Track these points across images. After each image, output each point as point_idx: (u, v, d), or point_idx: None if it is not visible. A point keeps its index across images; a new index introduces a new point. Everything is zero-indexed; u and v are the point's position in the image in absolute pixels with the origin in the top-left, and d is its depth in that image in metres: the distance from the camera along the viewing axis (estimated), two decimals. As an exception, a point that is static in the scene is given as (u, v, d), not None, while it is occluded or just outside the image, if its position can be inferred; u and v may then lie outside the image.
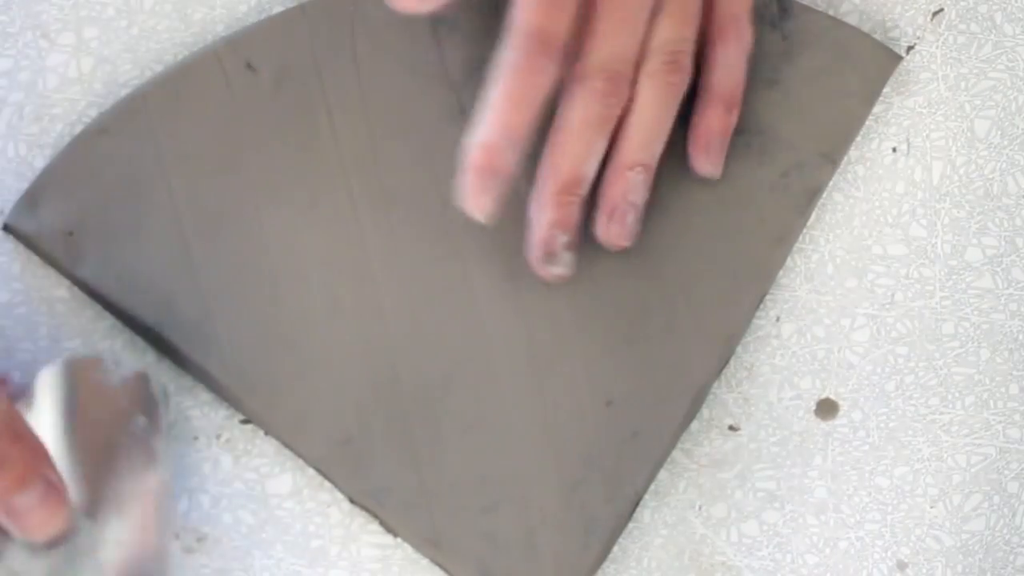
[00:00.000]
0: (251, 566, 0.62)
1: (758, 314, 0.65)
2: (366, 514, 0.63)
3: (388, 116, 0.64)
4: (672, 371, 0.63)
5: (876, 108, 0.66)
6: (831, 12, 0.67)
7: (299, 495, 0.63)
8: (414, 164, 0.63)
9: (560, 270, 0.62)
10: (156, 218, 0.63)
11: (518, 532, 0.62)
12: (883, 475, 0.64)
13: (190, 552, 0.62)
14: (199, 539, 0.63)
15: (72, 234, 0.63)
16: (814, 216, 0.66)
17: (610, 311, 0.63)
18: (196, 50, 0.65)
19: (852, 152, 0.66)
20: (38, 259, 0.64)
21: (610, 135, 0.62)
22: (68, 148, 0.63)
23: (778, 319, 0.65)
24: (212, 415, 0.63)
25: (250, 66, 0.64)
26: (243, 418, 0.63)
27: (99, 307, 0.63)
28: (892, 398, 0.65)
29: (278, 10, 0.65)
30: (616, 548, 0.64)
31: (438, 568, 0.63)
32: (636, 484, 0.63)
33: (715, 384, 0.65)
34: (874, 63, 0.66)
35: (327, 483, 0.63)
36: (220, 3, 0.66)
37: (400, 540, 0.63)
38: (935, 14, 0.67)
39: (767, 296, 0.65)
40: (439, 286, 0.63)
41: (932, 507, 0.64)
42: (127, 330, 0.63)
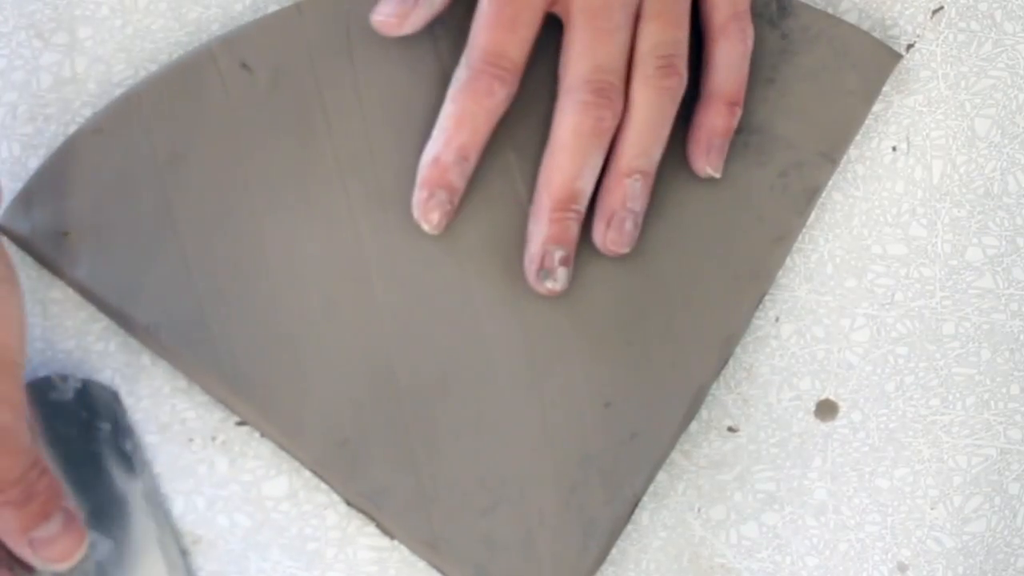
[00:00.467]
0: (247, 569, 0.62)
1: (757, 314, 0.65)
2: (363, 516, 0.63)
3: (384, 115, 0.64)
4: (671, 372, 0.63)
5: (876, 107, 0.66)
6: (830, 10, 0.67)
7: (295, 497, 0.63)
8: (411, 164, 0.63)
9: (555, 285, 0.62)
10: (151, 219, 0.62)
11: (516, 534, 0.62)
12: (883, 476, 0.64)
13: (186, 554, 0.62)
14: (194, 541, 0.62)
15: (67, 235, 0.62)
16: (813, 216, 0.66)
17: (609, 312, 0.63)
18: (191, 50, 0.64)
19: (852, 151, 0.66)
20: (32, 260, 0.63)
21: (606, 147, 0.62)
22: (62, 148, 0.63)
23: (777, 319, 0.65)
24: (208, 417, 0.63)
25: (245, 66, 0.64)
26: (239, 420, 0.63)
27: (93, 308, 0.63)
28: (892, 399, 0.65)
29: (273, 9, 0.65)
30: (615, 550, 0.63)
31: (435, 570, 0.63)
32: (635, 486, 0.62)
33: (714, 385, 0.64)
34: (874, 61, 0.66)
35: (323, 485, 0.63)
36: (215, 2, 0.65)
37: (397, 542, 0.63)
38: (935, 12, 0.67)
39: (766, 296, 0.65)
40: (436, 287, 0.63)
41: (933, 509, 0.64)
42: (121, 331, 0.63)
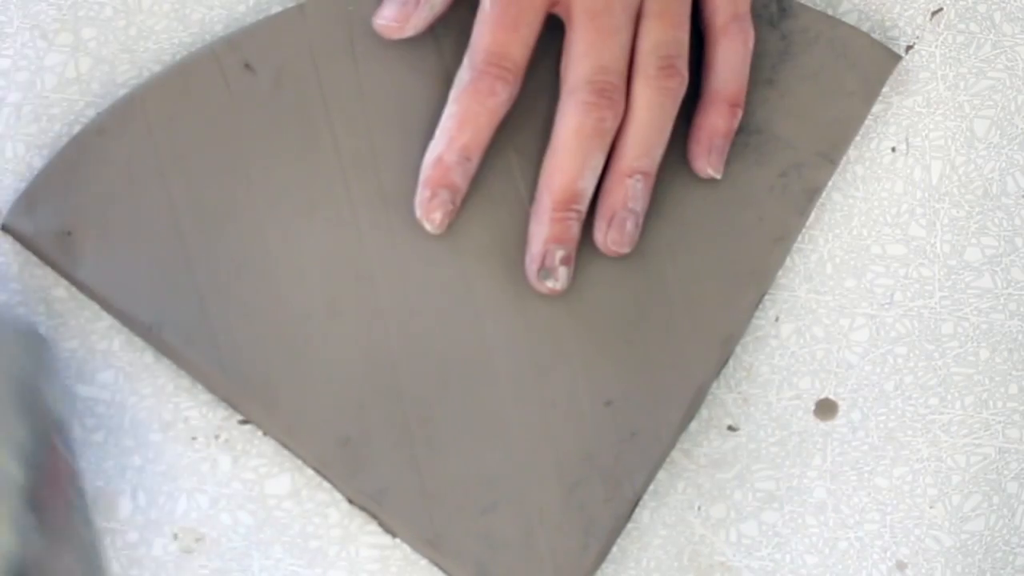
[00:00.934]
0: (249, 567, 0.62)
1: (757, 314, 0.65)
2: (365, 514, 0.63)
3: (387, 115, 0.64)
4: (671, 371, 0.63)
5: (875, 108, 0.66)
6: (830, 11, 0.67)
7: (298, 495, 0.63)
8: (413, 164, 0.63)
9: (556, 285, 0.62)
10: (154, 218, 0.63)
11: (517, 532, 0.62)
12: (882, 475, 0.64)
13: (188, 553, 0.62)
14: (197, 539, 0.63)
15: (70, 234, 0.62)
16: (813, 216, 0.66)
17: (609, 311, 0.63)
18: (194, 50, 0.65)
19: (851, 152, 0.66)
20: (36, 259, 0.64)
21: (607, 147, 0.62)
22: (66, 148, 0.63)
23: (777, 319, 0.65)
24: (210, 415, 0.63)
25: (249, 66, 0.64)
26: (242, 418, 0.63)
27: (97, 307, 0.63)
28: (891, 398, 0.65)
29: (276, 10, 0.65)
30: (615, 548, 0.64)
31: (437, 568, 0.63)
32: (635, 484, 0.63)
33: (714, 384, 0.64)
34: (873, 63, 0.66)
35: (326, 483, 0.63)
36: (218, 3, 0.65)
37: (399, 540, 0.63)
38: (934, 13, 0.67)
39: (766, 296, 0.65)
40: (438, 286, 0.63)
41: (931, 507, 0.64)
42: (125, 330, 0.63)
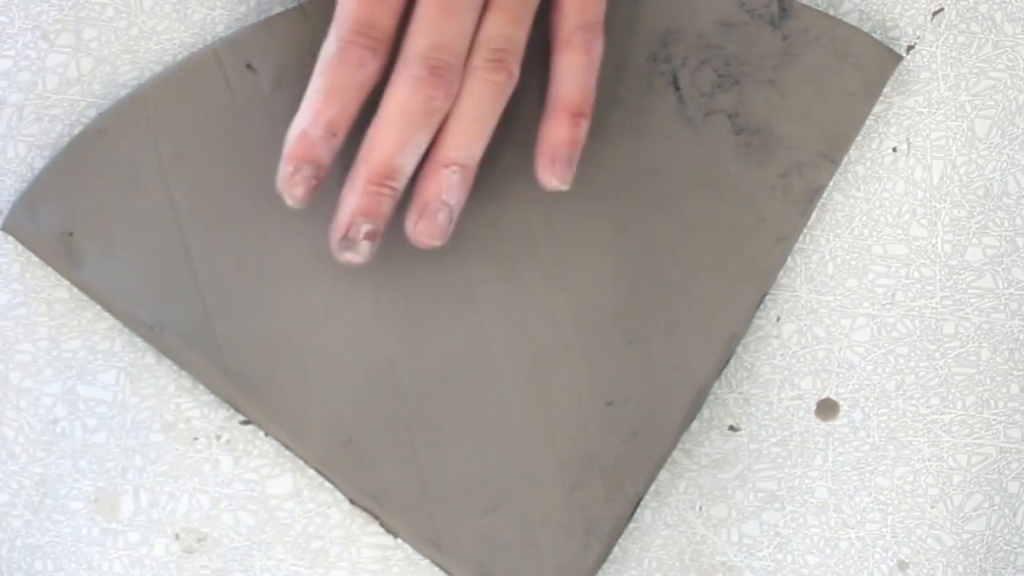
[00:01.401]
0: (251, 567, 0.63)
1: (758, 314, 0.65)
2: (366, 515, 0.63)
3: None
4: (672, 371, 0.63)
5: (876, 108, 0.66)
6: (831, 11, 0.67)
7: (299, 496, 0.63)
8: (414, 164, 0.63)
9: (355, 257, 0.60)
10: (155, 219, 0.63)
11: (519, 532, 0.62)
12: (884, 475, 0.64)
13: (190, 553, 0.62)
14: (199, 540, 0.63)
15: (72, 235, 0.63)
16: (814, 216, 0.66)
17: (610, 311, 0.63)
18: (196, 51, 0.65)
19: (852, 152, 0.66)
20: (37, 260, 0.64)
21: (434, 127, 0.60)
22: (67, 149, 0.63)
23: (778, 319, 0.65)
24: (212, 416, 0.63)
25: (250, 67, 0.64)
26: (243, 419, 0.63)
27: (99, 308, 0.63)
28: (892, 398, 0.65)
29: (278, 11, 0.65)
30: (616, 548, 0.64)
31: (438, 569, 0.63)
32: (636, 484, 0.63)
33: (715, 384, 0.65)
34: (874, 63, 0.66)
35: (327, 484, 0.63)
36: (220, 4, 0.66)
37: (400, 541, 0.63)
38: (935, 13, 0.67)
39: (767, 296, 0.65)
40: (439, 286, 0.63)
41: (933, 507, 0.64)
42: (126, 331, 0.63)
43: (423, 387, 0.62)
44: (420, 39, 0.60)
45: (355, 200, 0.60)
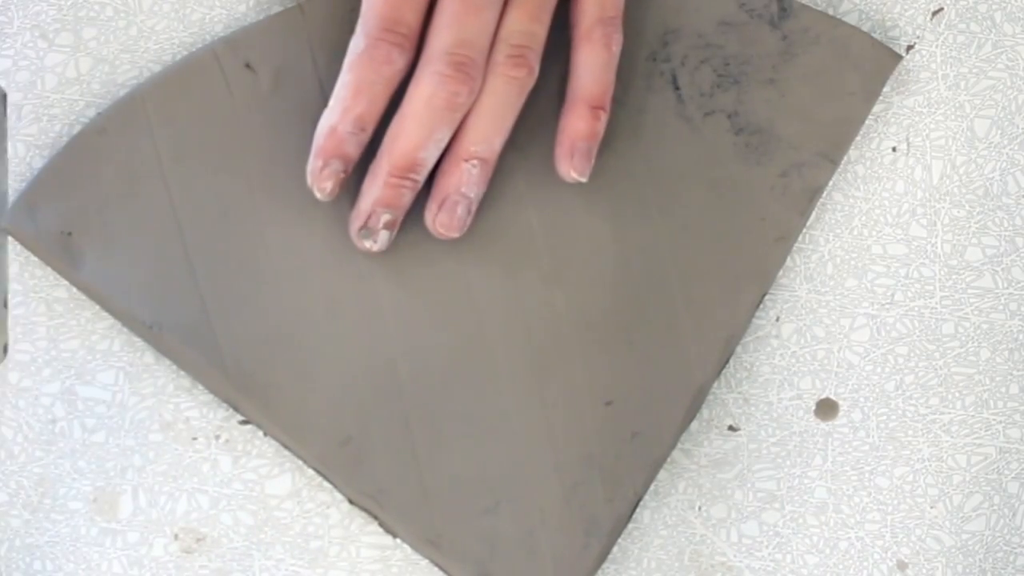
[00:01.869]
0: (250, 567, 0.62)
1: (758, 314, 0.65)
2: (365, 515, 0.63)
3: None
4: (672, 371, 0.63)
5: (876, 107, 0.66)
6: (831, 11, 0.67)
7: (298, 496, 0.63)
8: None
9: (373, 246, 0.62)
10: (154, 218, 0.63)
11: (518, 532, 0.62)
12: (883, 475, 0.64)
13: (189, 553, 0.62)
14: (198, 540, 0.63)
15: (71, 234, 0.63)
16: (814, 216, 0.66)
17: (609, 311, 0.63)
18: (195, 50, 0.65)
19: (852, 152, 0.66)
20: (36, 259, 0.64)
21: (456, 123, 0.61)
22: (66, 148, 0.63)
23: (778, 319, 0.65)
24: (211, 416, 0.63)
25: (249, 66, 0.64)
26: (242, 419, 0.63)
27: (97, 307, 0.63)
28: (892, 398, 0.65)
29: (277, 10, 0.65)
30: (616, 548, 0.64)
31: (437, 569, 0.63)
32: (636, 484, 0.63)
33: (715, 384, 0.64)
34: (874, 62, 0.66)
35: (326, 484, 0.63)
36: (219, 3, 0.65)
37: (399, 541, 0.63)
38: (935, 13, 0.67)
39: (767, 296, 0.65)
40: (438, 286, 0.63)
41: (932, 507, 0.64)
42: (125, 330, 0.63)
43: (422, 387, 0.62)
44: (444, 35, 0.60)
45: (377, 191, 0.61)
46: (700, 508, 0.64)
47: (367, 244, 0.62)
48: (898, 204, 0.66)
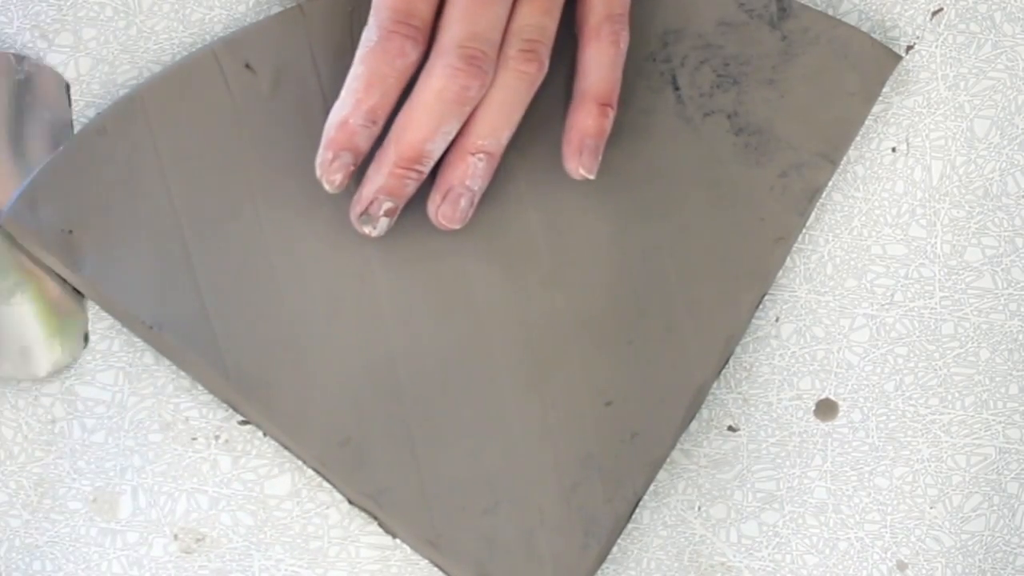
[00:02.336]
0: (250, 567, 0.62)
1: (757, 314, 0.65)
2: (365, 515, 0.63)
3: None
4: (671, 371, 0.63)
5: (875, 108, 0.66)
6: (830, 11, 0.67)
7: (298, 496, 0.63)
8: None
9: (372, 232, 0.62)
10: (154, 218, 0.63)
11: (517, 533, 0.62)
12: (883, 476, 0.64)
13: (189, 553, 0.62)
14: (198, 540, 0.63)
15: (71, 232, 0.63)
16: (813, 216, 0.66)
17: (609, 311, 0.63)
18: (194, 50, 0.65)
19: (851, 152, 0.66)
20: (36, 258, 0.63)
21: (465, 117, 0.61)
22: (66, 148, 0.63)
23: (777, 319, 0.65)
24: (211, 416, 0.63)
25: (248, 66, 0.64)
26: (242, 419, 0.63)
27: (97, 307, 0.63)
28: (892, 399, 0.65)
29: (276, 10, 0.65)
30: (615, 549, 0.64)
31: (437, 569, 0.63)
32: (635, 485, 0.63)
33: (714, 384, 0.64)
34: (873, 63, 0.66)
35: (326, 484, 0.63)
36: (218, 3, 0.65)
37: (399, 541, 0.63)
38: (935, 13, 0.67)
39: (766, 296, 0.65)
40: (438, 286, 0.63)
41: (932, 508, 0.64)
42: (125, 330, 0.63)
43: (422, 387, 0.62)
44: (456, 28, 0.60)
45: (382, 180, 0.61)
46: (700, 508, 0.64)
47: (366, 229, 0.62)
48: (898, 204, 0.66)
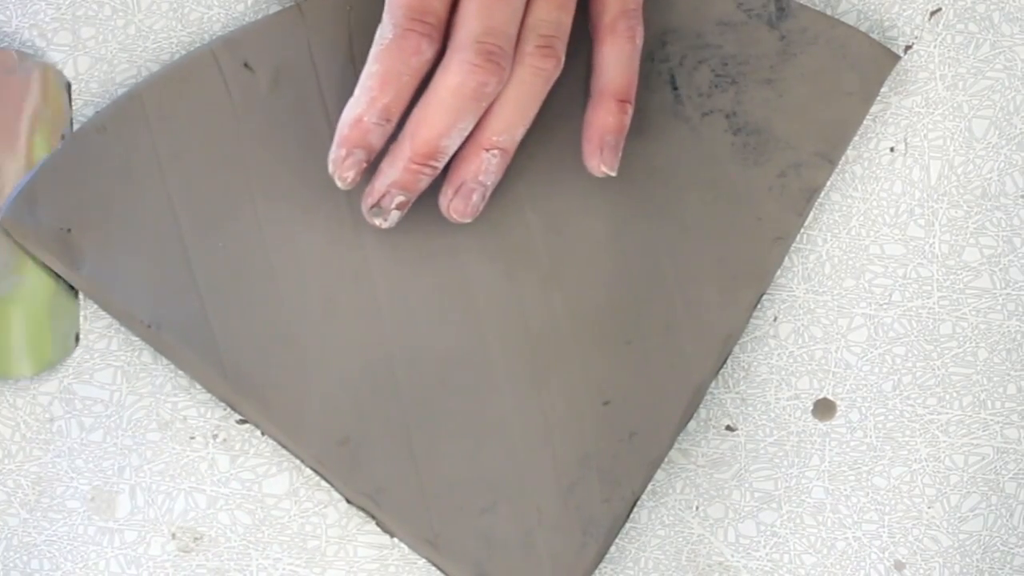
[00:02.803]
0: (248, 566, 0.62)
1: (756, 314, 0.65)
2: (363, 514, 0.63)
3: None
4: (670, 371, 0.63)
5: (874, 108, 0.66)
6: (829, 11, 0.67)
7: (296, 495, 0.63)
8: (411, 163, 0.63)
9: (383, 223, 0.61)
10: (153, 217, 0.63)
11: (516, 532, 0.62)
12: (880, 475, 0.64)
13: (187, 552, 0.62)
14: (196, 539, 0.63)
15: (70, 231, 0.63)
16: (812, 216, 0.66)
17: (608, 311, 0.63)
18: (193, 49, 0.65)
19: (850, 152, 0.66)
20: (35, 257, 0.63)
21: (481, 112, 0.61)
22: (65, 146, 0.63)
23: (776, 319, 0.65)
24: (209, 415, 0.63)
25: (247, 65, 0.64)
26: (240, 418, 0.63)
27: (95, 305, 0.63)
28: (890, 398, 0.65)
29: (275, 9, 0.65)
30: (613, 548, 0.64)
31: (435, 569, 0.63)
32: (633, 484, 0.63)
33: (712, 384, 0.65)
34: (872, 63, 0.66)
35: (324, 483, 0.63)
36: (217, 2, 0.65)
37: (397, 540, 0.63)
38: (933, 14, 0.67)
39: (765, 296, 0.65)
40: (436, 285, 0.63)
41: (930, 507, 0.64)
42: (123, 329, 0.63)
43: (420, 387, 0.62)
44: (472, 24, 0.60)
45: (396, 174, 0.61)
46: (698, 508, 0.64)
47: (377, 221, 0.61)
48: (896, 204, 0.66)
